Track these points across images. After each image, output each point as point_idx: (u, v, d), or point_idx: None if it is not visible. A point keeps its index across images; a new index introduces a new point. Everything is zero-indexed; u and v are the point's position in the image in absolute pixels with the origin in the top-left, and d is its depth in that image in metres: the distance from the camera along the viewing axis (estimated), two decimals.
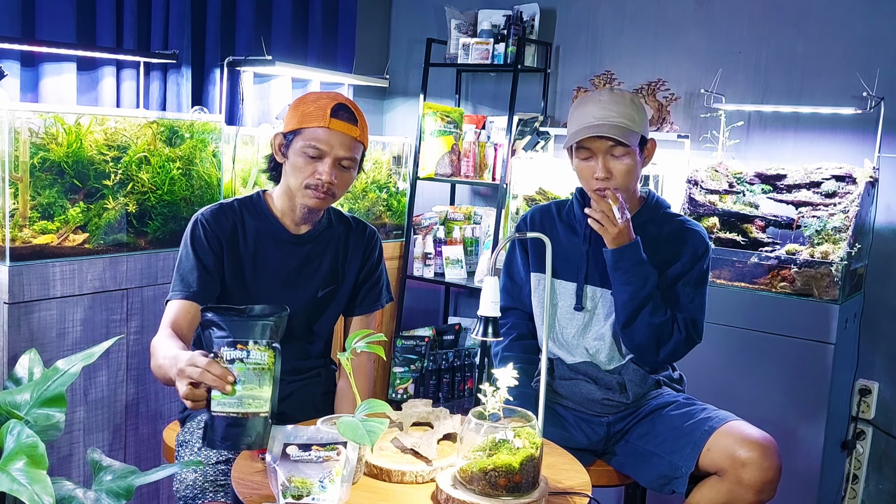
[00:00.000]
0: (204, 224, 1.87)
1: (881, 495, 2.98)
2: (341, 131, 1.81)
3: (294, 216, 1.92)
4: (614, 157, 1.94)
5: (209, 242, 1.86)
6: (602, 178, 1.94)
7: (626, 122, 1.92)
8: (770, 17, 3.09)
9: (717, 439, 1.89)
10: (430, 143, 3.50)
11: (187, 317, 1.81)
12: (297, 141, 1.83)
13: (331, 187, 1.83)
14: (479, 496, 1.46)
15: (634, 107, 1.95)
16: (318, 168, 1.82)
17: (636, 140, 1.93)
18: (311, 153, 1.81)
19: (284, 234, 1.93)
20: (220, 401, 1.42)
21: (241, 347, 1.44)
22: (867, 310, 2.91)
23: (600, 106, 1.95)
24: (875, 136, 2.84)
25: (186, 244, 1.87)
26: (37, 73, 2.64)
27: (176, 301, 1.82)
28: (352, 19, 3.70)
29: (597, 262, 2.04)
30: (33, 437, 1.49)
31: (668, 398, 2.06)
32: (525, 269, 2.14)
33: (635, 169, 1.96)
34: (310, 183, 1.82)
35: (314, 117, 1.81)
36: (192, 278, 1.83)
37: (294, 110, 1.86)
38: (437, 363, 3.47)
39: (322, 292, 1.95)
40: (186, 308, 1.81)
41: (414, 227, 3.61)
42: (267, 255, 1.91)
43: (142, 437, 2.51)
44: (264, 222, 1.92)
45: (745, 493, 1.83)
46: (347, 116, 1.83)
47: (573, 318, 2.06)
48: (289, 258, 1.93)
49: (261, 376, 1.44)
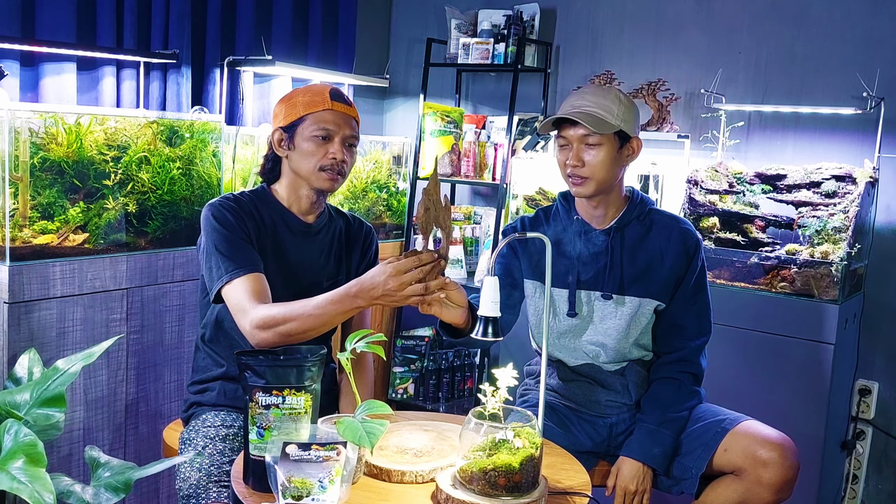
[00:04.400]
0: (226, 207, 1.86)
1: (881, 495, 2.98)
2: (344, 112, 1.91)
3: (301, 206, 1.95)
4: (587, 146, 1.94)
5: (237, 220, 1.85)
6: (573, 164, 1.95)
7: (599, 112, 1.93)
8: (770, 17, 3.09)
9: (734, 439, 1.90)
10: (430, 143, 3.50)
11: (263, 290, 1.76)
12: (303, 128, 1.88)
13: (343, 166, 1.90)
14: (478, 496, 1.46)
15: (617, 101, 1.95)
16: (330, 149, 1.88)
17: (610, 130, 1.93)
18: (321, 135, 1.87)
19: (297, 222, 1.96)
20: (256, 445, 1.45)
21: (277, 394, 1.45)
22: (867, 310, 2.91)
23: (579, 95, 1.99)
24: (875, 136, 2.84)
25: (214, 228, 1.82)
26: (37, 73, 2.64)
27: (237, 281, 1.76)
28: (352, 19, 3.70)
29: (587, 266, 2.04)
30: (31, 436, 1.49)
31: None
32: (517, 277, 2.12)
33: (609, 162, 1.95)
34: (324, 164, 1.88)
35: (316, 103, 1.88)
36: (238, 254, 1.79)
37: (290, 104, 1.91)
38: (437, 363, 3.47)
39: (327, 283, 1.97)
40: (253, 282, 1.76)
41: (414, 227, 3.61)
42: (286, 243, 1.93)
43: (142, 436, 2.51)
44: (277, 211, 1.95)
45: (763, 493, 1.84)
46: (344, 98, 1.94)
47: (568, 324, 2.06)
48: (302, 247, 1.95)
49: (297, 421, 1.46)
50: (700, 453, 1.92)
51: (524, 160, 3.35)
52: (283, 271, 1.92)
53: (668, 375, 2.01)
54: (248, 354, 1.50)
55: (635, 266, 2.01)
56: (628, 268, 2.01)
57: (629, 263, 2.01)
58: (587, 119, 1.91)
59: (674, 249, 2.01)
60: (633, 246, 2.02)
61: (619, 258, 2.01)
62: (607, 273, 2.01)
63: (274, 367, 1.47)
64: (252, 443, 1.46)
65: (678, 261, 2.01)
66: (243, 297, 1.74)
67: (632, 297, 2.00)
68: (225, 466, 1.71)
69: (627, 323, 2.01)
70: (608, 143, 1.94)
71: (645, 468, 1.93)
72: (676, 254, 2.01)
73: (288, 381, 1.46)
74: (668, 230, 2.03)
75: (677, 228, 2.03)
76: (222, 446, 1.76)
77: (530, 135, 3.41)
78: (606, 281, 2.01)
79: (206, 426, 1.83)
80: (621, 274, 2.01)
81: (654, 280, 2.00)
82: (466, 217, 3.66)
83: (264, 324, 1.70)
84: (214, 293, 1.80)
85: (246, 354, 1.50)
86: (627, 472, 1.93)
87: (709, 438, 1.93)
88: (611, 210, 2.03)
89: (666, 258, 2.01)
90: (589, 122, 1.91)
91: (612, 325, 2.02)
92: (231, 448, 1.76)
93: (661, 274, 2.00)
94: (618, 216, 2.03)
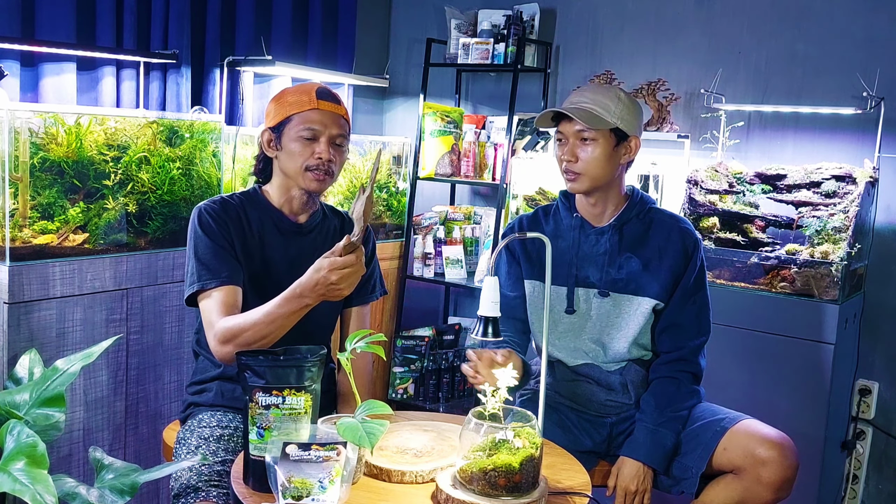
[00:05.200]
0: (210, 213, 1.87)
1: (881, 495, 2.98)
2: (330, 111, 1.88)
3: (292, 206, 1.95)
4: (582, 142, 1.95)
5: (220, 228, 1.86)
6: (566, 160, 1.97)
7: (595, 109, 1.94)
8: (770, 17, 3.09)
9: (733, 438, 1.90)
10: (430, 143, 3.50)
11: (233, 303, 1.79)
12: (290, 128, 1.87)
13: (330, 166, 1.88)
14: (478, 496, 1.46)
15: (616, 99, 1.96)
16: (316, 149, 1.87)
17: (603, 126, 1.93)
18: (306, 135, 1.86)
19: (287, 223, 1.95)
20: (257, 445, 1.45)
21: (277, 394, 1.45)
22: (867, 310, 2.91)
23: (579, 92, 2.00)
24: (875, 136, 2.84)
25: (197, 234, 1.85)
26: (37, 73, 2.64)
27: (211, 292, 1.79)
28: (352, 19, 3.70)
29: (586, 264, 2.04)
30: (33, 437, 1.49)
31: None
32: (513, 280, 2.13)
33: (603, 159, 1.95)
34: (310, 164, 1.87)
35: (302, 103, 1.87)
36: (215, 264, 1.82)
37: (277, 104, 1.91)
38: (437, 363, 3.47)
39: None
40: (226, 295, 1.79)
41: (414, 227, 3.61)
42: (273, 245, 1.93)
43: (142, 436, 2.51)
44: (266, 213, 1.94)
45: (763, 491, 1.84)
46: (331, 97, 1.91)
47: (566, 322, 2.06)
48: (293, 247, 1.94)
49: (297, 421, 1.46)
50: (700, 452, 1.92)
51: (524, 160, 3.35)
52: (273, 273, 1.91)
53: (667, 375, 2.01)
54: (248, 354, 1.50)
55: (634, 264, 2.01)
56: (627, 266, 2.01)
57: (628, 262, 2.01)
58: (581, 114, 1.92)
59: (673, 248, 2.01)
60: (632, 244, 2.02)
61: (618, 256, 2.01)
62: (606, 271, 2.01)
63: (274, 367, 1.47)
64: (252, 443, 1.46)
65: (677, 260, 2.01)
66: (212, 311, 1.78)
67: (630, 296, 2.01)
68: (216, 467, 1.71)
69: (626, 321, 2.01)
70: (603, 140, 1.94)
71: (645, 468, 1.93)
72: (675, 253, 2.01)
73: (288, 381, 1.46)
74: (668, 229, 2.03)
75: (677, 228, 2.03)
76: (216, 447, 1.76)
77: (530, 135, 3.41)
78: (605, 279, 2.01)
79: (201, 426, 1.83)
80: (620, 272, 2.01)
81: (652, 279, 2.00)
82: (466, 217, 3.66)
83: (224, 337, 1.74)
84: (186, 296, 1.84)
85: (246, 354, 1.50)
86: (628, 472, 1.93)
87: (708, 437, 1.93)
88: (610, 208, 2.03)
89: (665, 257, 2.01)
90: (582, 118, 1.92)
91: (611, 323, 2.02)
92: (225, 449, 1.76)
93: (659, 273, 2.00)
94: (617, 214, 2.03)
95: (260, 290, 1.86)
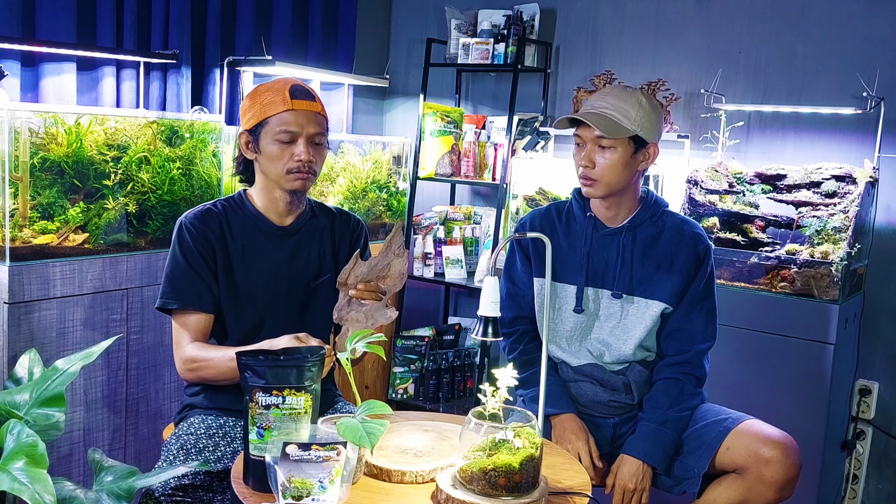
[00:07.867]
0: (190, 228, 1.88)
1: (881, 495, 2.98)
2: (306, 109, 1.86)
3: (277, 208, 1.94)
4: (600, 149, 1.94)
5: (197, 245, 1.87)
6: (584, 165, 1.96)
7: (615, 115, 1.92)
8: (770, 18, 3.09)
9: (736, 438, 1.90)
10: (430, 143, 3.50)
11: (201, 328, 1.86)
12: (266, 131, 1.86)
13: (311, 165, 1.87)
14: (478, 496, 1.46)
15: (638, 105, 1.93)
16: (295, 150, 1.85)
17: (623, 135, 1.92)
18: (284, 138, 1.84)
19: (270, 227, 1.94)
20: (257, 445, 1.45)
21: (277, 394, 1.45)
22: (867, 310, 2.91)
23: (599, 95, 1.98)
24: (875, 136, 2.84)
25: (175, 250, 1.89)
26: (37, 73, 2.64)
27: (180, 316, 1.86)
28: (352, 19, 3.70)
29: (597, 263, 2.04)
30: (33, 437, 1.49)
31: None
32: (527, 275, 2.13)
33: (620, 166, 1.94)
34: (290, 167, 1.86)
35: (275, 104, 1.84)
36: (185, 287, 1.86)
37: (251, 105, 1.88)
38: (437, 363, 3.47)
39: (315, 283, 1.97)
40: (194, 321, 1.86)
41: (414, 227, 3.61)
42: (256, 250, 1.93)
43: (142, 437, 2.51)
44: (249, 218, 1.94)
45: (765, 491, 1.84)
46: (306, 94, 1.88)
47: (574, 320, 2.06)
48: (277, 250, 1.94)
49: (297, 421, 1.46)
50: (702, 452, 1.92)
51: (524, 160, 3.35)
52: (260, 277, 1.92)
53: (670, 376, 2.01)
54: (248, 354, 1.50)
55: (645, 267, 2.01)
56: (638, 268, 2.01)
57: (639, 264, 2.01)
58: (600, 121, 1.91)
59: (685, 253, 2.01)
60: (643, 247, 2.02)
61: (630, 258, 2.01)
62: (617, 272, 2.01)
63: (274, 368, 1.46)
64: (252, 443, 1.46)
65: (688, 265, 2.01)
66: (180, 332, 1.86)
67: (639, 298, 2.01)
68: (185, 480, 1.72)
69: (634, 323, 2.01)
70: (622, 147, 1.93)
71: (644, 466, 1.93)
72: (687, 257, 2.01)
73: (288, 381, 1.46)
74: (680, 234, 2.03)
75: (689, 233, 2.03)
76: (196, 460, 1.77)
77: (530, 135, 3.41)
78: (615, 280, 2.01)
79: (187, 433, 1.83)
80: (630, 274, 2.01)
81: (662, 283, 2.00)
82: (466, 217, 3.66)
83: (186, 365, 1.83)
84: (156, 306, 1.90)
85: (246, 354, 1.50)
86: (627, 470, 1.93)
87: (711, 437, 1.93)
88: (623, 210, 2.03)
89: (676, 261, 2.01)
90: (601, 125, 1.91)
91: (618, 324, 2.02)
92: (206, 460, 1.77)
93: (670, 277, 2.00)
94: (630, 216, 2.03)
95: (249, 296, 1.89)
